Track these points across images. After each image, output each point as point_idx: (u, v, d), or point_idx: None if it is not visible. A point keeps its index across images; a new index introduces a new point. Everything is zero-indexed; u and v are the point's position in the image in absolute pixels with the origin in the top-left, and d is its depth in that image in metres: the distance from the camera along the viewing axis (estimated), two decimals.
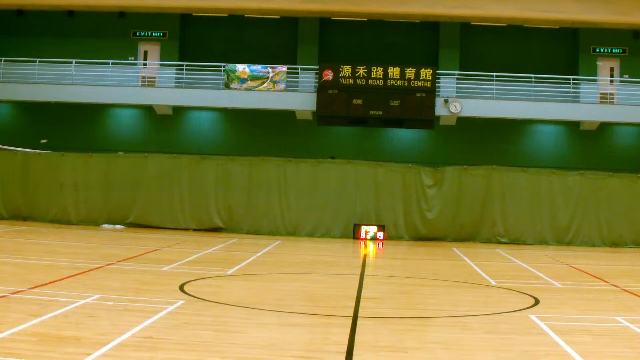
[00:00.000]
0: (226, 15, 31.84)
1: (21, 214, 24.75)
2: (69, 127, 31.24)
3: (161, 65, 31.50)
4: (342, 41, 32.09)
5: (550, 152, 30.96)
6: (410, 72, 28.79)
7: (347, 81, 28.87)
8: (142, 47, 31.91)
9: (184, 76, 30.44)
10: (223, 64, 30.00)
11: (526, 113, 29.35)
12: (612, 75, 31.02)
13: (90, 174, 24.59)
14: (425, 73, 28.77)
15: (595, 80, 30.60)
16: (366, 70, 28.89)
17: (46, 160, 25.22)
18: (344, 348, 7.62)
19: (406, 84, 28.75)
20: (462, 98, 29.38)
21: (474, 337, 8.56)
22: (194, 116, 31.86)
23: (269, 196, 23.89)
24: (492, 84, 29.74)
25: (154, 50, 31.84)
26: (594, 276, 15.14)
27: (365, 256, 18.92)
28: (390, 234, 23.45)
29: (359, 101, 28.78)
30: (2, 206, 24.88)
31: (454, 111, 29.08)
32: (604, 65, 31.01)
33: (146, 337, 7.76)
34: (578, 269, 16.45)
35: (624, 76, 30.81)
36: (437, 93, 29.13)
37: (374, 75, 28.84)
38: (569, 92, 29.91)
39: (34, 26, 31.96)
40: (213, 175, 24.17)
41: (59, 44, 31.51)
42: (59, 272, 12.49)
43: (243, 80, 29.72)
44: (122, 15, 31.43)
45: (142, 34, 31.87)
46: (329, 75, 28.87)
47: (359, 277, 13.95)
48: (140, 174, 24.41)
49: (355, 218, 23.63)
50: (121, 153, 25.86)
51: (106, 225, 24.13)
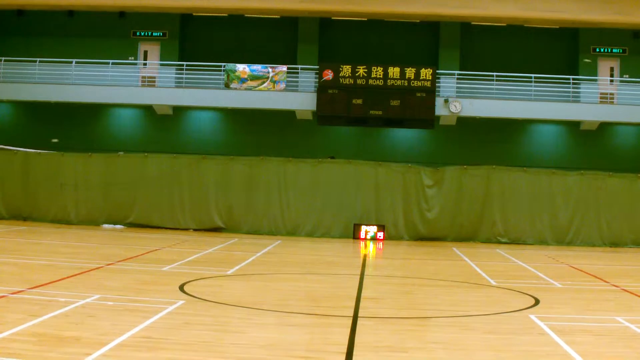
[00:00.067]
0: (226, 15, 31.83)
1: (21, 214, 24.75)
2: (69, 127, 31.23)
3: (161, 65, 31.49)
4: (342, 41, 32.07)
5: (550, 152, 30.95)
6: (410, 72, 28.78)
7: (347, 81, 28.86)
8: (142, 47, 31.91)
9: (184, 76, 30.44)
10: (223, 64, 30.00)
11: (526, 113, 29.34)
12: (612, 75, 31.02)
13: (91, 174, 24.60)
14: (425, 73, 28.76)
15: (595, 80, 30.60)
16: (366, 70, 28.88)
17: (46, 160, 25.23)
18: (344, 348, 7.62)
19: (406, 84, 28.74)
20: (462, 98, 29.38)
21: (474, 337, 8.56)
22: (194, 116, 31.85)
23: (269, 196, 23.89)
24: (492, 84, 29.74)
25: (154, 50, 31.83)
26: (594, 276, 15.14)
27: (365, 256, 18.92)
28: (390, 234, 23.45)
29: (359, 101, 28.77)
30: (2, 206, 24.89)
31: (454, 111, 29.07)
32: (604, 65, 31.00)
33: (146, 337, 7.76)
34: (578, 269, 16.45)
35: (624, 76, 30.81)
36: (437, 93, 29.12)
37: (374, 75, 28.83)
38: (569, 92, 29.91)
39: (34, 26, 31.95)
40: (213, 175, 24.17)
41: (59, 44, 31.50)
42: (59, 272, 12.49)
43: (243, 80, 29.71)
44: (122, 15, 31.43)
45: (142, 34, 31.86)
46: (329, 75, 28.86)
47: (359, 277, 13.95)
48: (140, 174, 24.41)
49: (355, 218, 23.63)
50: (121, 153, 25.85)
51: (106, 225, 24.14)
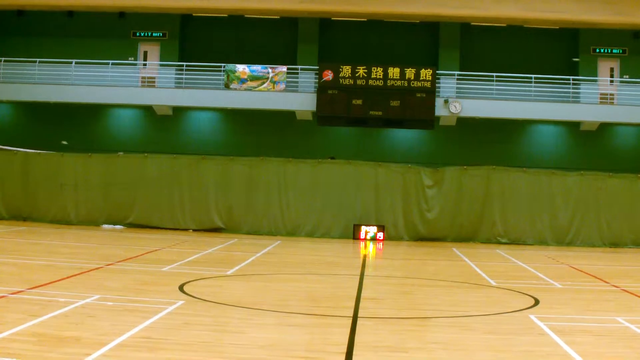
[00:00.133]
0: (226, 15, 31.83)
1: (21, 214, 24.75)
2: (68, 128, 31.23)
3: (161, 65, 31.49)
4: (342, 41, 32.07)
5: (550, 153, 30.94)
6: (410, 73, 28.78)
7: (347, 81, 28.86)
8: (142, 48, 31.91)
9: (184, 76, 30.43)
10: (223, 64, 29.99)
11: (526, 113, 29.33)
12: (612, 76, 31.02)
13: (90, 174, 24.60)
14: (425, 73, 28.76)
15: (595, 81, 30.60)
16: (366, 70, 28.88)
17: (46, 160, 25.23)
18: (344, 348, 7.61)
19: (406, 84, 28.74)
20: (462, 98, 29.38)
21: (474, 337, 8.56)
22: (194, 116, 31.85)
23: (269, 196, 23.89)
24: (492, 84, 29.73)
25: (154, 50, 31.83)
26: (594, 276, 15.14)
27: (365, 256, 18.92)
28: (390, 235, 23.45)
29: (359, 101, 28.77)
30: (2, 206, 24.89)
31: (454, 111, 29.07)
32: (604, 66, 31.01)
33: (146, 337, 7.75)
34: (578, 269, 16.44)
35: (624, 76, 30.80)
36: (437, 93, 29.12)
37: (374, 76, 28.83)
38: (569, 93, 29.91)
39: (34, 26, 31.95)
40: (213, 175, 24.17)
41: (59, 44, 31.49)
42: (59, 272, 12.49)
43: (243, 81, 29.71)
44: (122, 15, 31.42)
45: (142, 34, 31.85)
46: (329, 75, 28.86)
47: (358, 277, 13.95)
48: (140, 174, 24.41)
49: (355, 218, 23.63)
50: (121, 153, 25.85)
51: (106, 226, 24.14)
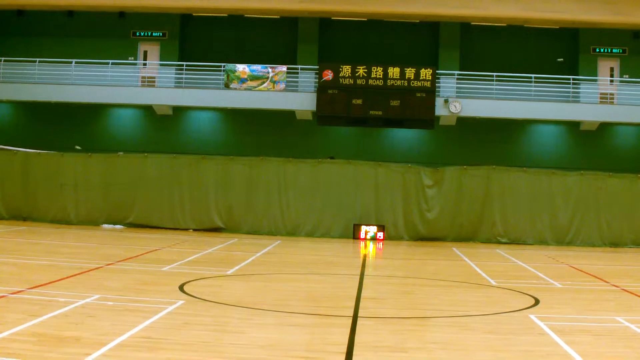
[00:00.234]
0: (226, 15, 31.83)
1: (21, 214, 24.74)
2: (69, 127, 31.24)
3: (161, 65, 31.49)
4: (342, 41, 32.07)
5: (550, 152, 30.94)
6: (410, 72, 28.77)
7: (347, 81, 28.85)
8: (142, 47, 31.90)
9: (183, 76, 30.43)
10: (223, 64, 29.99)
11: (526, 113, 29.33)
12: (612, 75, 31.02)
13: (90, 174, 24.59)
14: (425, 73, 28.75)
15: (595, 80, 30.60)
16: (366, 70, 28.87)
17: (46, 160, 25.22)
18: (344, 348, 7.62)
19: (406, 84, 28.74)
20: (462, 98, 29.37)
21: (474, 337, 8.56)
22: (194, 116, 31.84)
23: (269, 196, 23.89)
24: (492, 84, 29.73)
25: (153, 50, 31.83)
26: (594, 276, 15.14)
27: (365, 256, 18.92)
28: (390, 234, 23.45)
29: (359, 101, 28.77)
30: (2, 206, 24.88)
31: (454, 111, 29.07)
32: (604, 65, 31.01)
33: (146, 337, 7.76)
34: (578, 269, 16.44)
35: (624, 76, 30.80)
36: (437, 93, 29.12)
37: (374, 75, 28.82)
38: (569, 92, 29.90)
39: (34, 26, 31.95)
40: (213, 175, 24.17)
41: (59, 44, 31.49)
42: (59, 272, 12.49)
43: (243, 80, 29.71)
44: (122, 15, 31.41)
45: (142, 34, 31.85)
46: (329, 75, 28.86)
47: (359, 277, 13.95)
48: (140, 174, 24.41)
49: (355, 218, 23.62)
50: (121, 153, 25.85)
51: (106, 225, 24.13)
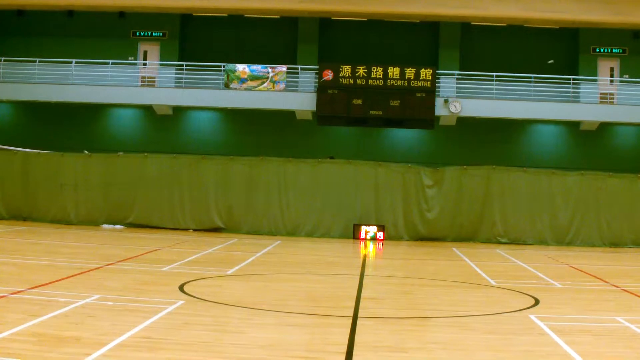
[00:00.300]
0: (226, 15, 31.83)
1: (21, 214, 24.73)
2: (69, 127, 31.24)
3: (161, 65, 31.49)
4: (342, 41, 32.07)
5: (550, 152, 30.95)
6: (410, 72, 28.77)
7: (347, 81, 28.86)
8: (142, 47, 31.91)
9: (183, 76, 30.43)
10: (223, 64, 30.00)
11: (526, 113, 29.33)
12: (612, 75, 31.02)
13: (90, 174, 24.59)
14: (425, 73, 28.76)
15: (595, 80, 30.60)
16: (366, 70, 28.88)
17: (46, 160, 25.21)
18: (344, 348, 7.61)
19: (406, 84, 28.74)
20: (462, 98, 29.38)
21: (474, 337, 8.56)
22: (194, 116, 31.85)
23: (269, 196, 23.88)
24: (492, 84, 29.73)
25: (153, 50, 31.83)
26: (594, 276, 15.14)
27: (365, 256, 18.92)
28: (390, 234, 23.44)
29: (359, 101, 28.77)
30: (2, 206, 24.87)
31: (454, 111, 29.07)
32: (604, 65, 31.01)
33: (146, 337, 7.76)
34: (578, 269, 16.44)
35: (624, 76, 30.80)
36: (437, 93, 29.12)
37: (374, 75, 28.83)
38: (569, 92, 29.91)
39: (34, 26, 31.95)
40: (213, 175, 24.16)
41: (59, 44, 31.49)
42: (59, 272, 12.49)
43: (243, 80, 29.71)
44: (122, 15, 31.41)
45: (142, 34, 31.86)
46: (329, 75, 28.86)
47: (358, 277, 13.94)
48: (140, 174, 24.40)
49: (355, 218, 23.62)
50: (121, 153, 25.84)
51: (106, 225, 24.12)
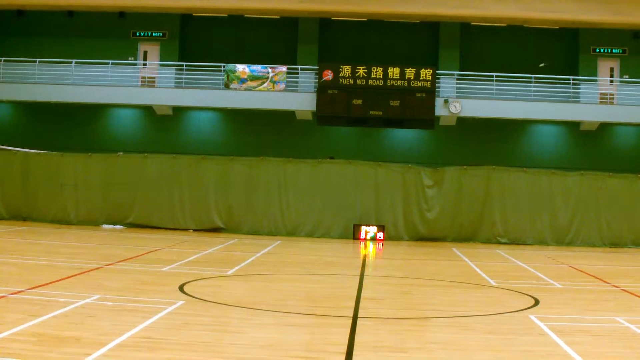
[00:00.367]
0: (226, 15, 31.83)
1: (21, 214, 24.74)
2: (69, 127, 31.24)
3: (161, 65, 31.48)
4: (342, 41, 32.07)
5: (550, 153, 30.94)
6: (410, 72, 28.77)
7: (347, 81, 28.86)
8: (142, 47, 31.90)
9: (183, 76, 30.43)
10: (223, 64, 29.99)
11: (526, 113, 29.33)
12: (612, 76, 31.02)
13: (90, 174, 24.60)
14: (425, 73, 28.76)
15: (595, 81, 30.60)
16: (366, 70, 28.87)
17: (46, 160, 25.22)
18: (344, 348, 7.62)
19: (406, 84, 28.74)
20: (462, 98, 29.37)
21: (473, 337, 8.56)
22: (194, 116, 31.84)
23: (269, 196, 23.89)
24: (492, 84, 29.73)
25: (153, 50, 31.82)
26: (594, 276, 15.14)
27: (365, 256, 18.92)
28: (390, 235, 23.44)
29: (359, 101, 28.77)
30: (2, 206, 24.88)
31: (454, 111, 29.06)
32: (604, 66, 31.01)
33: (146, 337, 7.76)
34: (578, 269, 16.45)
35: (624, 76, 30.80)
36: (437, 93, 29.11)
37: (374, 76, 28.82)
38: (569, 92, 29.90)
39: (34, 26, 31.94)
40: (213, 175, 24.17)
41: (59, 44, 31.49)
42: (59, 272, 12.49)
43: (243, 81, 29.71)
44: (122, 15, 31.41)
45: (142, 34, 31.85)
46: (328, 75, 28.86)
47: (358, 277, 13.95)
48: (140, 174, 24.41)
49: (355, 218, 23.62)
50: (121, 153, 25.85)
51: (106, 226, 24.13)
